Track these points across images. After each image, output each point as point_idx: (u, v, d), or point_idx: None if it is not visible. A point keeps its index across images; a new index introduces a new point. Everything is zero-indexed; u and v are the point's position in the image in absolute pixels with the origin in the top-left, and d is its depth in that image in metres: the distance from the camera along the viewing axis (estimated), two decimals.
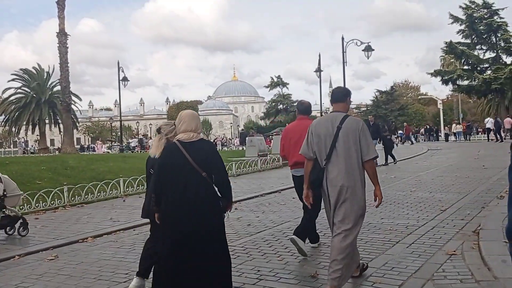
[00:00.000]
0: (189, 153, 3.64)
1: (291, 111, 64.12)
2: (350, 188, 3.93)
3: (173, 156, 3.70)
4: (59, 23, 29.10)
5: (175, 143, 3.77)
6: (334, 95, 4.46)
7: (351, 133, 3.98)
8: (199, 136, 3.80)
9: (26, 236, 7.20)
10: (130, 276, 4.86)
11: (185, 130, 3.76)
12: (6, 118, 50.41)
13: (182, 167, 3.63)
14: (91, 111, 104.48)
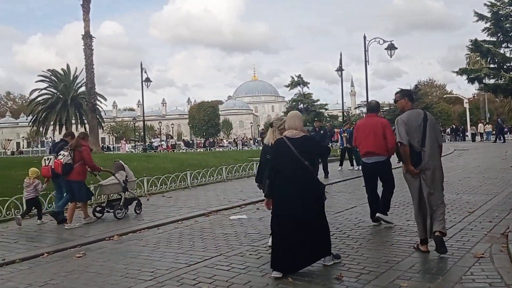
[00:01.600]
0: (294, 146, 4.71)
1: (312, 110, 63.70)
2: (437, 168, 5.10)
3: (282, 148, 4.79)
4: (84, 26, 29.64)
5: (283, 138, 4.86)
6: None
7: (433, 125, 5.18)
8: (301, 133, 4.84)
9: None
10: (155, 274, 4.93)
11: (289, 128, 4.91)
12: (34, 118, 51.71)
13: (289, 157, 4.70)
14: (115, 111, 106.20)
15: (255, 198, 10.47)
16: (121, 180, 8.90)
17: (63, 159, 8.24)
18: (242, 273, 4.81)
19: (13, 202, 9.05)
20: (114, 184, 8.91)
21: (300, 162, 4.69)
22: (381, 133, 6.42)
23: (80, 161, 8.37)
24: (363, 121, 7.33)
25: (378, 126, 6.51)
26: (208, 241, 6.46)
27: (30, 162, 15.97)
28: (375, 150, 6.51)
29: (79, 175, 8.38)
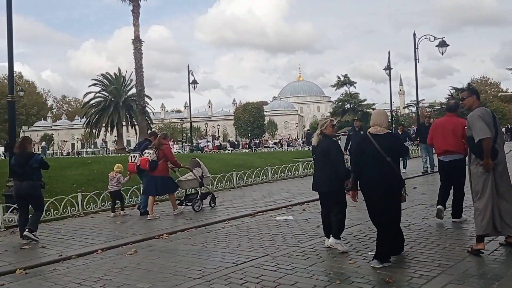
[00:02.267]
0: (377, 143, 4.93)
1: (359, 110, 62.54)
2: (505, 163, 5.29)
3: (366, 144, 5.03)
4: (134, 30, 30.64)
5: (367, 134, 5.11)
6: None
7: (498, 122, 5.41)
8: (385, 130, 5.08)
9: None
10: (203, 272, 5.02)
11: (374, 124, 5.10)
12: (87, 121, 54.00)
13: (372, 153, 4.94)
14: (163, 113, 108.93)
15: (301, 199, 10.44)
16: (198, 176, 9.71)
17: (149, 157, 9.06)
18: (289, 273, 4.81)
19: (69, 201, 9.50)
20: (192, 179, 9.74)
21: (382, 158, 4.89)
22: (461, 132, 6.53)
23: (163, 158, 9.20)
24: (441, 120, 7.54)
25: (458, 125, 6.73)
26: (254, 241, 6.50)
27: (84, 162, 16.72)
28: (454, 149, 6.81)
29: (163, 171, 9.21)
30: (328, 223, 5.86)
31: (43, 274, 5.47)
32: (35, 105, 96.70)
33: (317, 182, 5.88)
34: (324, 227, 5.97)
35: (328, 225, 5.86)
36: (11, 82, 9.94)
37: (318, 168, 5.89)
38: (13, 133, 10.02)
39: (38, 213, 7.46)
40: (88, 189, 10.92)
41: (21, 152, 7.39)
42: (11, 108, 9.86)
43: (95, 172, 13.70)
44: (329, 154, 5.61)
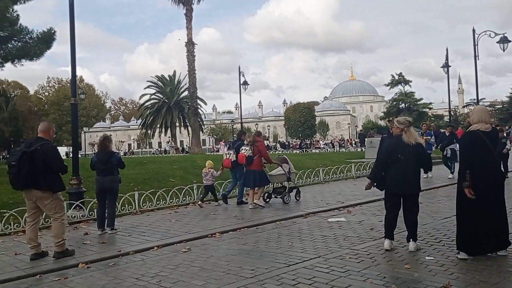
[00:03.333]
0: (488, 139, 5.08)
1: (414, 110, 60.62)
2: None
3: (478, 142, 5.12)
4: (187, 33, 31.43)
5: (477, 132, 5.16)
6: None
7: None
8: (490, 127, 5.21)
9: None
10: (256, 272, 5.06)
11: (479, 121, 5.20)
12: (143, 122, 56.01)
13: (485, 150, 5.06)
14: (215, 114, 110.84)
15: (354, 201, 10.26)
16: (286, 171, 10.54)
17: (246, 153, 10.01)
18: (342, 276, 4.75)
19: (127, 199, 9.89)
20: (281, 174, 10.59)
21: (493, 154, 5.11)
22: None
23: (257, 154, 10.09)
24: None
25: None
26: (306, 243, 6.47)
27: (140, 162, 17.35)
28: None
29: (258, 165, 10.12)
30: (393, 225, 5.85)
31: (103, 268, 5.74)
32: (95, 107, 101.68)
33: (403, 183, 5.70)
34: (388, 229, 5.87)
35: (392, 228, 5.84)
36: (73, 85, 10.49)
37: (404, 169, 5.69)
38: (76, 134, 10.57)
39: (112, 208, 8.06)
40: (144, 187, 11.33)
41: (103, 150, 8.13)
42: (74, 110, 10.41)
43: (151, 171, 14.18)
44: (422, 155, 5.77)
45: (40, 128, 6.45)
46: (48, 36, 18.17)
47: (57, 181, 6.34)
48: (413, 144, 5.70)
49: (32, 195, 6.18)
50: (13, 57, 17.99)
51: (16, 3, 17.81)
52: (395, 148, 5.83)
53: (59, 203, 6.41)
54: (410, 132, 5.79)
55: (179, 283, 4.85)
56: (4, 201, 9.81)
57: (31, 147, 6.13)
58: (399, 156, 5.71)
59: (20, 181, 6.07)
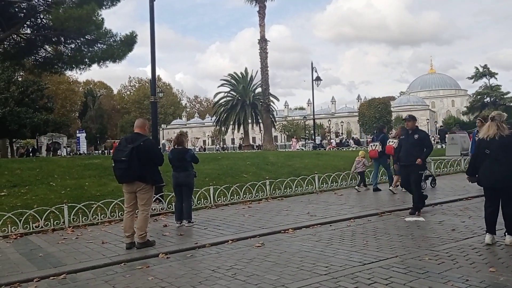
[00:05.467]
0: None
1: (500, 104, 56.46)
2: None
3: None
4: (260, 31, 31.72)
5: None
6: None
7: None
8: None
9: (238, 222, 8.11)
10: (329, 269, 5.01)
11: None
12: (217, 119, 57.52)
13: None
14: (287, 111, 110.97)
15: (433, 200, 9.79)
16: None
17: (394, 145, 10.84)
18: (421, 277, 4.56)
19: (202, 193, 10.23)
20: None
21: None
22: None
23: None
24: None
25: None
26: (382, 242, 6.29)
27: (215, 158, 17.85)
28: None
29: None
30: (492, 220, 5.85)
31: (181, 259, 5.99)
32: (171, 105, 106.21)
33: (492, 177, 5.79)
34: (488, 223, 5.88)
35: (492, 222, 5.84)
36: (153, 84, 11.04)
37: (493, 163, 5.77)
38: (155, 131, 11.11)
39: (188, 202, 8.36)
40: (219, 182, 11.65)
41: (178, 146, 8.48)
42: (154, 108, 10.96)
43: (225, 167, 14.54)
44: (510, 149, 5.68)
45: (137, 124, 6.86)
46: (130, 39, 19.23)
47: (158, 174, 6.85)
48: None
49: (135, 187, 6.56)
50: (99, 59, 19.24)
51: (102, 7, 19.03)
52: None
53: (152, 196, 6.86)
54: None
55: (253, 277, 4.94)
56: (92, 193, 10.56)
57: (134, 142, 6.49)
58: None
59: (130, 174, 6.44)
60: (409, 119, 9.00)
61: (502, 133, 5.74)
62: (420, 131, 8.96)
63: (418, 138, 8.75)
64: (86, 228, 8.37)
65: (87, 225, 8.52)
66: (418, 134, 8.81)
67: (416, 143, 8.73)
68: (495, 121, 5.85)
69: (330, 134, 72.65)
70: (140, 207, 6.63)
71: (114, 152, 6.90)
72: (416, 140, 8.75)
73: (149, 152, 6.53)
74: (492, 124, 5.86)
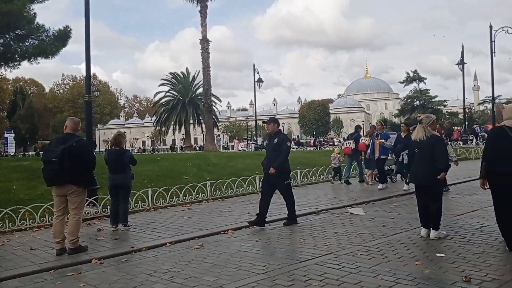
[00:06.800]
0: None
1: (428, 107, 59.86)
2: None
3: (501, 135, 5.34)
4: (202, 31, 31.48)
5: (502, 126, 5.40)
6: None
7: None
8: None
9: (174, 225, 7.99)
10: (267, 268, 5.08)
11: (509, 118, 5.38)
12: (157, 119, 56.35)
13: (508, 143, 5.21)
14: (229, 112, 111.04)
15: (366, 198, 10.22)
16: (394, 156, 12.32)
17: (366, 142, 12.70)
18: (353, 272, 4.74)
19: (140, 195, 9.99)
20: (390, 159, 12.46)
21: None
22: None
23: None
24: None
25: None
26: (318, 239, 6.47)
27: (154, 159, 17.50)
28: None
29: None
30: (425, 213, 6.24)
31: (116, 264, 5.81)
32: (108, 104, 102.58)
33: (417, 175, 6.29)
34: (421, 218, 6.32)
35: (425, 215, 6.25)
36: (88, 83, 10.62)
37: (420, 162, 6.22)
38: (90, 131, 10.70)
39: (125, 204, 8.14)
40: (158, 184, 11.43)
41: (115, 147, 8.22)
42: (88, 107, 10.55)
43: (164, 169, 14.29)
44: (435, 148, 6.08)
45: (68, 124, 6.51)
46: (64, 34, 18.41)
47: (90, 177, 6.55)
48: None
49: (66, 190, 6.24)
50: (29, 55, 18.26)
51: (34, 2, 18.07)
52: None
53: (84, 199, 6.55)
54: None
55: (191, 279, 4.90)
56: (20, 197, 9.99)
57: (66, 143, 6.18)
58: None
59: (60, 176, 6.11)
60: (269, 122, 8.04)
61: (428, 134, 6.20)
62: (280, 135, 7.97)
63: (277, 143, 7.81)
64: (13, 234, 7.89)
65: (14, 231, 8.03)
66: (277, 137, 7.88)
67: (276, 148, 7.80)
68: (422, 124, 6.31)
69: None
70: (72, 211, 6.34)
71: (44, 153, 6.55)
72: (275, 144, 7.82)
73: (81, 154, 6.23)
74: (419, 126, 6.32)
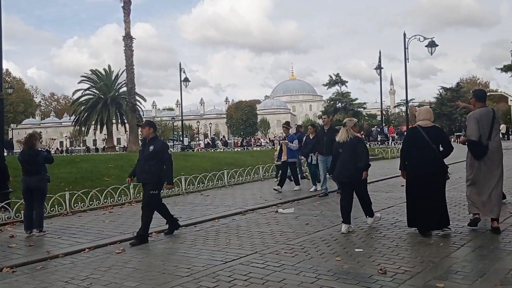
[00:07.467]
0: (425, 133, 5.97)
1: (350, 109, 62.85)
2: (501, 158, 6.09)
3: (416, 135, 6.08)
4: (125, 27, 30.35)
5: (416, 127, 6.12)
6: (482, 95, 6.41)
7: (498, 121, 6.15)
8: (431, 124, 6.12)
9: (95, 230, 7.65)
10: (192, 270, 5.02)
11: (424, 119, 6.11)
12: (76, 118, 53.54)
13: (421, 141, 5.97)
14: (154, 111, 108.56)
15: (291, 197, 10.49)
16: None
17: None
18: (277, 271, 4.83)
19: (57, 199, 9.43)
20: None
21: (429, 146, 5.94)
22: None
23: None
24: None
25: None
26: (244, 239, 6.52)
27: (72, 160, 16.61)
28: None
29: None
30: (347, 210, 6.66)
31: (30, 272, 5.44)
32: (22, 102, 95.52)
33: (342, 173, 6.78)
34: (343, 214, 6.67)
35: (347, 212, 6.65)
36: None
37: (344, 161, 6.73)
38: (1, 131, 9.91)
39: (40, 209, 7.70)
40: (76, 187, 10.86)
41: (28, 148, 7.78)
42: (0, 105, 9.76)
43: (83, 171, 13.62)
44: (357, 148, 6.64)
45: None
46: None
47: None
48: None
49: None
50: None
51: None
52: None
53: None
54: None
55: (111, 285, 4.71)
56: None
57: None
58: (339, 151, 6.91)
59: None
60: (144, 125, 7.22)
61: (351, 136, 6.76)
62: (157, 141, 7.18)
63: (153, 150, 6.96)
64: None
65: None
66: (153, 145, 7.03)
67: (150, 156, 6.96)
68: (346, 127, 6.87)
69: (199, 135, 73.01)
70: None
71: None
72: (151, 152, 6.96)
73: None
74: (344, 129, 6.89)
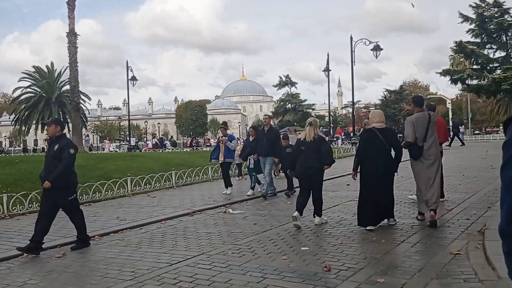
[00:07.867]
0: (380, 134, 6.49)
1: (299, 110, 63.98)
2: (438, 157, 6.67)
3: (371, 135, 6.59)
4: (69, 23, 29.26)
5: (372, 128, 6.64)
6: (420, 101, 7.11)
7: (434, 124, 6.68)
8: (384, 125, 6.72)
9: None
10: (136, 274, 4.91)
11: (379, 121, 6.66)
12: (16, 117, 50.90)
13: (376, 141, 6.48)
14: (100, 110, 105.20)
15: (240, 197, 10.51)
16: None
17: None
18: (223, 271, 4.83)
19: None
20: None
21: (383, 145, 6.44)
22: None
23: None
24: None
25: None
26: (190, 241, 6.46)
27: (11, 161, 15.78)
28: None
29: None
30: (302, 205, 7.04)
31: None
32: None
33: (304, 168, 7.07)
34: (297, 207, 7.01)
35: (302, 206, 7.03)
36: None
37: (307, 158, 7.05)
38: None
39: None
40: (15, 189, 10.31)
41: None
42: None
43: (23, 172, 12.96)
44: (321, 147, 7.08)
45: None
46: None
47: None
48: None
49: None
50: None
51: None
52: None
53: None
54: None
55: None
56: None
57: None
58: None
59: None
60: (50, 123, 6.62)
61: (316, 135, 7.13)
62: (62, 139, 6.42)
63: (57, 149, 6.24)
64: None
65: None
66: (58, 143, 6.29)
67: (55, 156, 6.23)
68: (312, 126, 7.21)
69: (147, 135, 71.51)
70: None
71: None
72: (56, 152, 6.24)
73: None
74: (310, 128, 7.19)
